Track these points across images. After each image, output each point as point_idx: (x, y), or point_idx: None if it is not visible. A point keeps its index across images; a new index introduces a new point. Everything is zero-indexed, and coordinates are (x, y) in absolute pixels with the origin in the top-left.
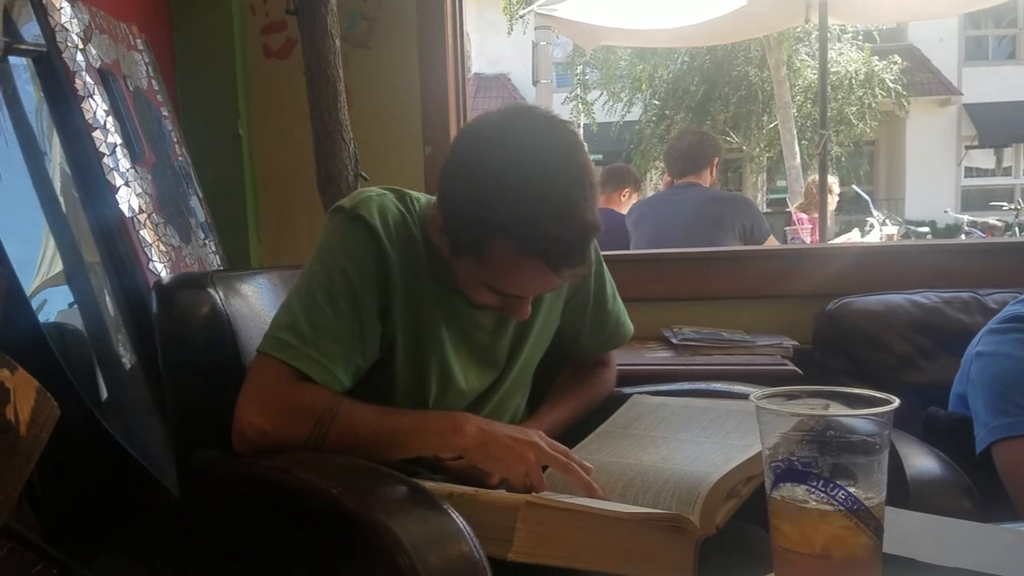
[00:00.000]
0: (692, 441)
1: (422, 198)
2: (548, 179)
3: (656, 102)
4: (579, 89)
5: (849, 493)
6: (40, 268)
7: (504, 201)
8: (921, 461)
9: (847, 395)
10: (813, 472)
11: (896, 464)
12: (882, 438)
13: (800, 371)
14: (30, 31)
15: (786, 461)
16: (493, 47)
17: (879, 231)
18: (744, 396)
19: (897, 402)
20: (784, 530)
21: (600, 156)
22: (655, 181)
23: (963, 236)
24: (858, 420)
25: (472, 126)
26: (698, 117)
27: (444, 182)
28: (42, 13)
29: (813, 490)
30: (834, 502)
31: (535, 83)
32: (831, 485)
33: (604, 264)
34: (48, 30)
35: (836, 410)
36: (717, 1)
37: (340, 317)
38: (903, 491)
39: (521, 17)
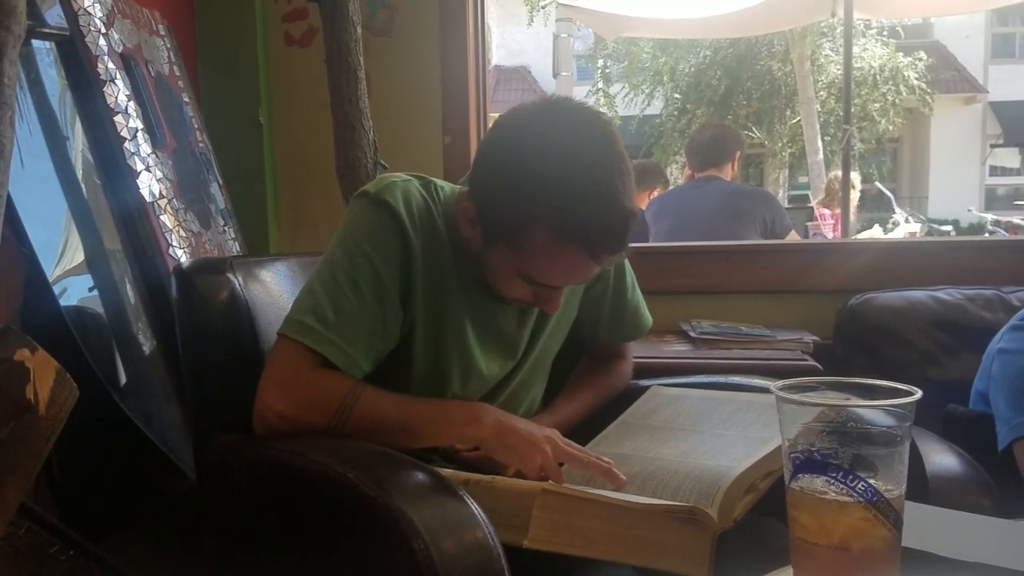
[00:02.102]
0: (712, 433)
1: (446, 187)
2: (587, 166)
3: (678, 96)
4: (601, 82)
5: (869, 484)
6: (63, 253)
7: (544, 189)
8: (941, 458)
9: (867, 386)
10: (833, 463)
11: (916, 461)
12: (903, 430)
13: (820, 367)
14: (53, 15)
15: (805, 452)
16: (513, 39)
17: (902, 229)
18: (762, 390)
19: (919, 393)
20: (803, 521)
21: None
22: (675, 176)
23: (987, 235)
24: (879, 411)
25: (508, 117)
26: (720, 111)
27: (479, 172)
28: None
29: (832, 481)
30: (854, 493)
31: (555, 76)
32: (851, 476)
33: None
34: (71, 14)
35: (856, 402)
36: None
37: (363, 302)
38: (923, 488)
39: (543, 8)
